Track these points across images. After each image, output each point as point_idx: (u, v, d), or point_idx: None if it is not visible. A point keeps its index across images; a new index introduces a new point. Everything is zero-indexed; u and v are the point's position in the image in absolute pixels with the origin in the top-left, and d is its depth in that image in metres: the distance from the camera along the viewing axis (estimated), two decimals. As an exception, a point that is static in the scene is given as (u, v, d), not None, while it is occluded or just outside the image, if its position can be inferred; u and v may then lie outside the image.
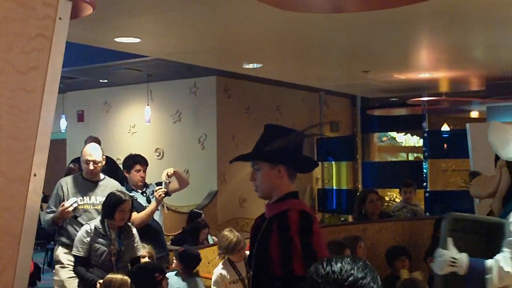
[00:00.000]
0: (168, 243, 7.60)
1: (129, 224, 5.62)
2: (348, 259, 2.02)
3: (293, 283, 3.27)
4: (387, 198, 11.42)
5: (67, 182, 5.84)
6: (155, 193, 6.24)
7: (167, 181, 6.25)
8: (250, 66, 9.15)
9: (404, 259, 6.57)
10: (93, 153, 5.84)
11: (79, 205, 5.70)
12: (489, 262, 4.02)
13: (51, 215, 5.67)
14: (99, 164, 5.87)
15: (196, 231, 7.80)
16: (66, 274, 5.70)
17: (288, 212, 3.35)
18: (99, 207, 5.73)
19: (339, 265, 2.01)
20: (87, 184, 5.87)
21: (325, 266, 2.01)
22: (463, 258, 4.15)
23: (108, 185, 5.93)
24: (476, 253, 4.08)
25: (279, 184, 3.49)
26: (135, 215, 5.85)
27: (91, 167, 5.80)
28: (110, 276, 5.02)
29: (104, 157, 6.00)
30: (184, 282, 5.79)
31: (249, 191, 10.69)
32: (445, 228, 4.35)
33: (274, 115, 11.65)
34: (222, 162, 10.62)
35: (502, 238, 4.04)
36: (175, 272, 5.87)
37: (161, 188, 6.19)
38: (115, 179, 6.52)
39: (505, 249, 3.98)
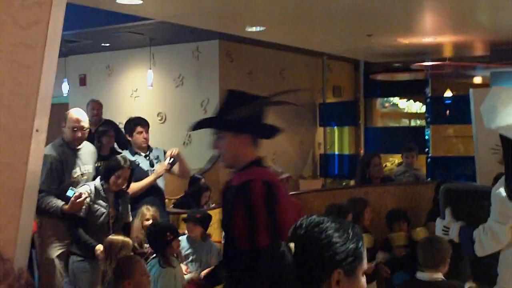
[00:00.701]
0: (170, 207, 7.63)
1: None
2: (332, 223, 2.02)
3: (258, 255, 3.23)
4: (389, 164, 11.40)
5: (56, 156, 5.41)
6: (157, 166, 6.21)
7: (170, 161, 6.20)
8: (253, 29, 9.09)
9: (402, 222, 6.62)
10: (82, 118, 5.52)
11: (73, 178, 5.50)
12: (475, 231, 4.04)
13: (59, 203, 5.26)
14: (87, 131, 5.58)
15: (198, 194, 7.82)
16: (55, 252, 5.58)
17: (250, 182, 3.29)
18: (87, 176, 5.64)
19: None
20: (73, 154, 5.57)
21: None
22: (454, 226, 4.20)
23: (87, 150, 5.77)
24: (480, 221, 4.11)
25: (243, 152, 3.44)
26: (132, 185, 5.78)
27: (79, 134, 5.49)
28: (111, 237, 5.03)
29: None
30: (197, 245, 5.82)
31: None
32: (442, 198, 4.40)
33: (277, 80, 11.60)
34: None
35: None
36: (186, 236, 5.89)
37: (165, 165, 6.16)
38: (119, 144, 6.46)
39: (488, 219, 4.00)
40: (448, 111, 12.58)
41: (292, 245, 1.97)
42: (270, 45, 10.86)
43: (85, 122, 5.56)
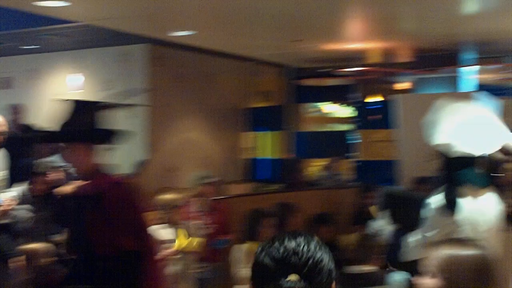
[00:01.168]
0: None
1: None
2: (302, 239, 1.92)
3: (122, 259, 3.20)
4: (315, 168, 11.49)
5: None
6: None
7: None
8: (182, 33, 9.05)
9: (329, 225, 6.70)
10: (2, 122, 5.28)
11: None
12: (407, 237, 4.18)
13: None
14: (4, 135, 5.26)
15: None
16: None
17: (102, 187, 3.29)
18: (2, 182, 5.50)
19: (293, 244, 1.89)
20: None
21: (279, 248, 1.89)
22: (384, 229, 4.37)
23: (1, 155, 5.63)
24: (414, 227, 4.24)
25: (87, 161, 3.44)
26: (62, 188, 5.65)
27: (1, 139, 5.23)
28: (33, 245, 4.91)
29: None
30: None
31: (180, 159, 10.65)
32: (382, 201, 4.57)
33: (206, 85, 11.59)
34: (153, 131, 10.52)
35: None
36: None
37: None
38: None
39: (420, 227, 4.14)
40: (375, 116, 12.77)
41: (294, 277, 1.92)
42: (199, 50, 10.84)
43: (5, 126, 5.34)
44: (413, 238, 4.19)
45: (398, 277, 5.61)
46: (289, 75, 13.33)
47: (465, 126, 4.13)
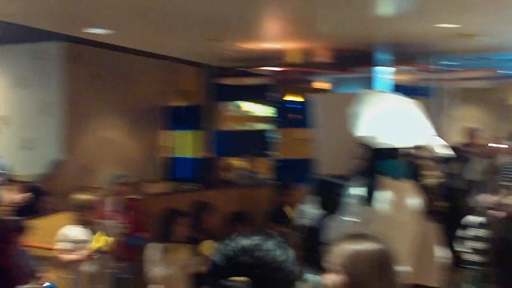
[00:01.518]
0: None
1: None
2: (258, 238, 1.92)
3: None
4: (234, 167, 11.50)
5: None
6: None
7: None
8: (98, 31, 8.90)
9: (245, 224, 6.73)
10: None
11: None
12: (332, 222, 4.26)
13: None
14: None
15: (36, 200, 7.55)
16: None
17: None
18: None
19: (247, 242, 1.88)
20: None
21: (232, 246, 1.88)
22: (312, 213, 4.46)
23: None
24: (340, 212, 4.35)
25: None
26: None
27: None
28: None
29: None
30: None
31: (96, 159, 10.49)
32: (313, 188, 4.68)
33: (124, 83, 11.44)
34: (68, 130, 10.31)
35: None
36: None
37: None
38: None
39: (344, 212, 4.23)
40: (293, 115, 12.89)
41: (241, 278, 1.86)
42: (117, 48, 10.68)
43: None
44: (334, 222, 4.26)
45: (313, 277, 5.73)
46: (209, 74, 13.30)
47: (388, 118, 4.20)
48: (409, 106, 4.43)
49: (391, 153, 4.19)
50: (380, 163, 4.20)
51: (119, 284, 6.42)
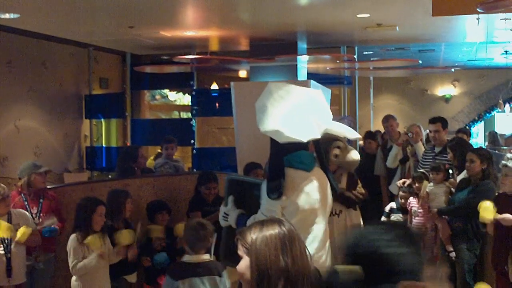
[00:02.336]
0: None
1: None
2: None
3: None
4: (153, 156, 11.43)
5: None
6: None
7: None
8: (6, 16, 8.61)
9: (165, 213, 6.72)
10: None
11: None
12: (249, 219, 4.29)
13: None
14: None
15: None
16: None
17: None
18: None
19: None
20: None
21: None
22: (232, 213, 4.46)
23: None
24: (255, 210, 4.36)
25: None
26: None
27: None
28: None
29: None
30: None
31: (10, 149, 10.23)
32: (226, 187, 4.68)
33: (40, 71, 11.18)
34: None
35: None
36: None
37: None
38: None
39: (259, 210, 4.27)
40: (214, 104, 12.92)
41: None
42: (30, 34, 10.41)
43: None
44: (250, 221, 4.29)
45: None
46: (129, 62, 13.15)
47: (293, 111, 4.21)
48: (317, 96, 4.47)
49: (299, 145, 4.23)
50: (289, 156, 4.24)
51: (34, 275, 6.33)
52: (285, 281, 2.40)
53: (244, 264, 2.48)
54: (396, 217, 7.49)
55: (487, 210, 5.88)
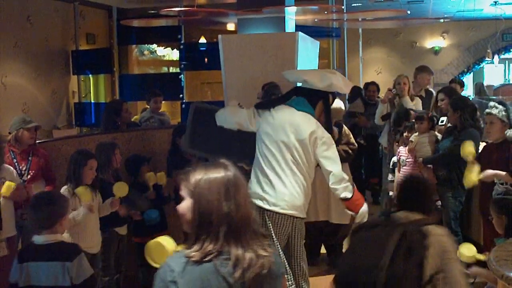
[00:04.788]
0: None
1: None
2: None
3: None
4: (140, 110, 11.42)
5: None
6: None
7: None
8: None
9: (148, 165, 6.76)
10: None
11: None
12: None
13: None
14: None
15: None
16: None
17: None
18: None
19: None
20: None
21: None
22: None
23: None
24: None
25: None
26: None
27: None
28: None
29: None
30: None
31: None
32: (191, 116, 4.90)
33: (24, 26, 11.07)
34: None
35: None
36: None
37: None
38: None
39: None
40: (201, 58, 12.86)
41: None
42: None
43: None
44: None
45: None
46: (115, 17, 13.03)
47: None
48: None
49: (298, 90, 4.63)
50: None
51: (24, 231, 6.34)
52: (228, 227, 2.42)
53: (185, 205, 2.49)
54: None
55: (469, 152, 5.81)
